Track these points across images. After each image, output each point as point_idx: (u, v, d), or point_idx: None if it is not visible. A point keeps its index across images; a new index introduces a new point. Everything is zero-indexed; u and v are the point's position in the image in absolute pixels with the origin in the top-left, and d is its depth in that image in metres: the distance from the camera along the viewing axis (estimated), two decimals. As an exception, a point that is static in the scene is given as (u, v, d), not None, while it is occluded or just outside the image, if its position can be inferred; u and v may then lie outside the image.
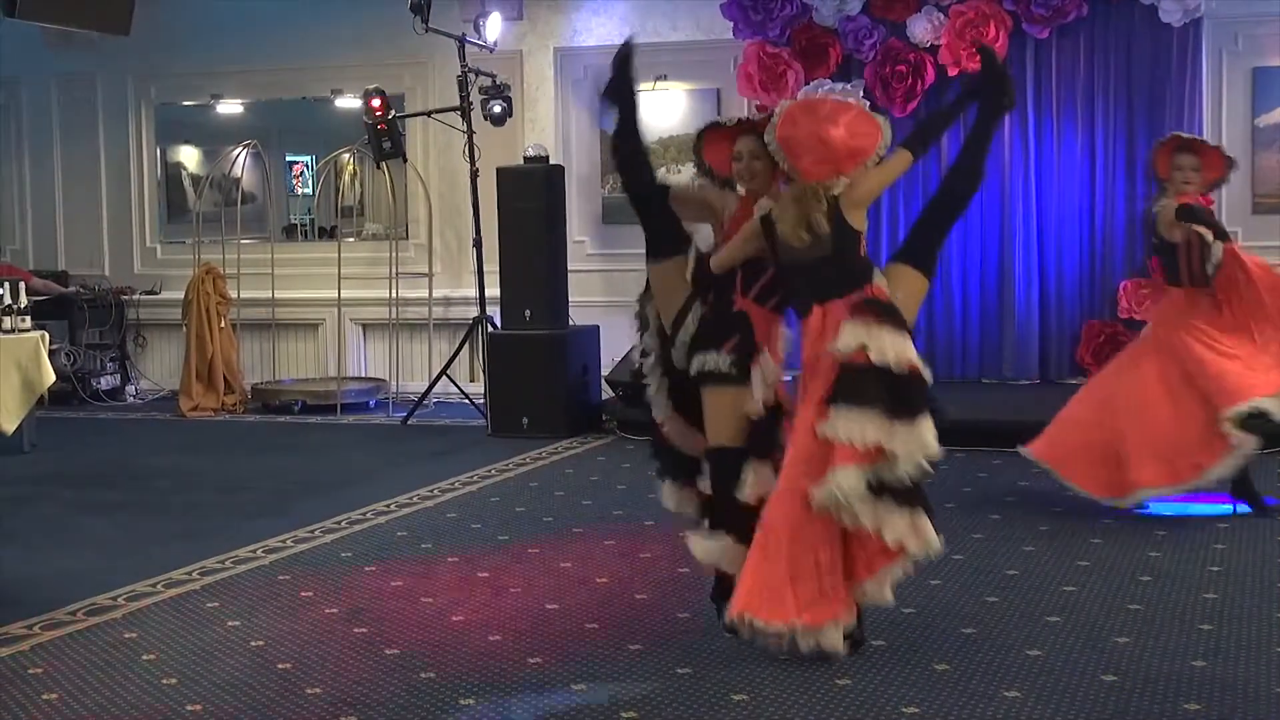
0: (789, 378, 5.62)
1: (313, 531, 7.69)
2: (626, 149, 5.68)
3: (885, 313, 5.19)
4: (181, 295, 12.72)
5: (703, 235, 5.66)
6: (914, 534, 5.13)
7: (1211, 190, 7.98)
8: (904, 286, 5.37)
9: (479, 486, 8.98)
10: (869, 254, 5.46)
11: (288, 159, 14.91)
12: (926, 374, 5.20)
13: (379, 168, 12.50)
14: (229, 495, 8.84)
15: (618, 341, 10.86)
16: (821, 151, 5.24)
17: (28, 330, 10.20)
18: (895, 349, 5.12)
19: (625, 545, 7.16)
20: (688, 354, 5.47)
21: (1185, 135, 7.96)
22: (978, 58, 11.30)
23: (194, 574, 6.80)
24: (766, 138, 5.41)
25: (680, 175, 12.15)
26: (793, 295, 5.45)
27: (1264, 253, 11.15)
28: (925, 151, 5.63)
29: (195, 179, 14.16)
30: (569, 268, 11.46)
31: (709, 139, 5.73)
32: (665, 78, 12.21)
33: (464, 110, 11.48)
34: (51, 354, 10.30)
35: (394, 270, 12.52)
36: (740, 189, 5.62)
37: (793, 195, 5.31)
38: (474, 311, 11.74)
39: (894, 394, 5.10)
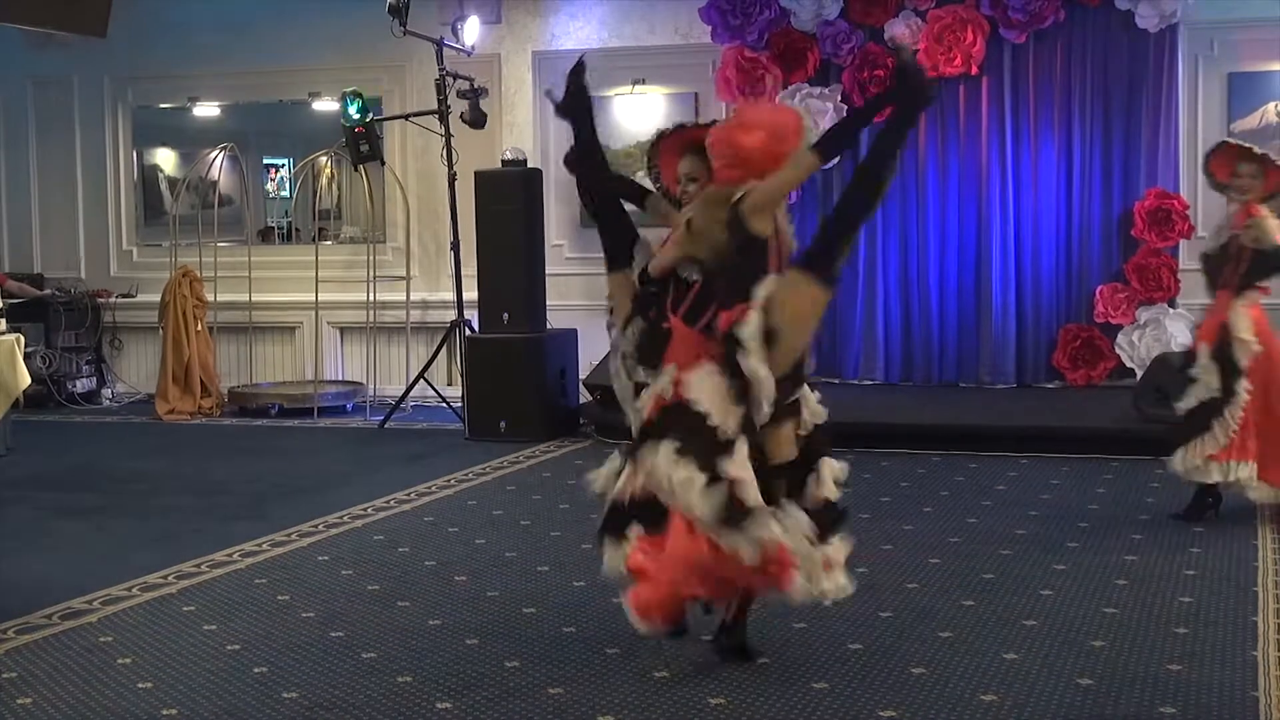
0: None
1: (289, 535, 7.67)
2: (587, 164, 5.72)
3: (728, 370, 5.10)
4: (158, 298, 12.69)
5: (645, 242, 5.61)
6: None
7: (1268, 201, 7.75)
8: (796, 300, 5.05)
9: (456, 490, 8.97)
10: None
11: (265, 162, 14.87)
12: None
13: (357, 171, 12.48)
14: (205, 499, 8.81)
15: (595, 345, 10.83)
16: (730, 156, 5.14)
17: (3, 333, 10.14)
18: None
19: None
20: (633, 365, 5.46)
21: (1247, 146, 7.85)
22: (956, 61, 11.46)
23: (170, 578, 6.78)
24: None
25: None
26: (709, 301, 5.28)
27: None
28: (833, 155, 5.52)
29: (172, 182, 14.12)
30: (547, 271, 11.46)
31: (664, 149, 5.61)
32: (644, 81, 12.25)
33: (442, 113, 11.46)
34: (27, 357, 10.25)
35: (372, 273, 12.51)
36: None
37: (702, 201, 5.23)
38: (452, 315, 11.72)
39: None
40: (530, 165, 11.45)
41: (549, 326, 11.33)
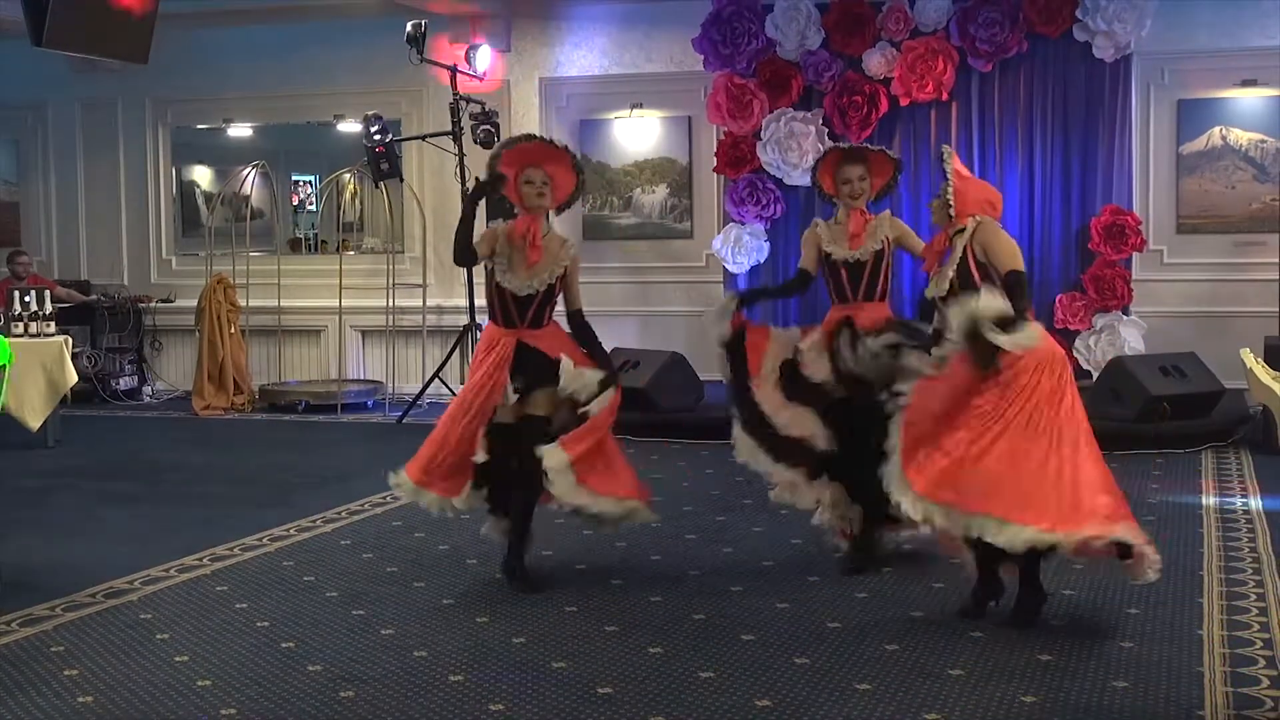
0: None
1: (314, 521, 7.67)
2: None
3: None
4: (195, 303, 12.68)
5: None
6: None
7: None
8: None
9: (468, 480, 8.94)
10: None
11: (293, 178, 14.87)
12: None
13: (378, 187, 12.47)
14: (237, 488, 8.80)
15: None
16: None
17: (52, 335, 10.17)
18: None
19: (602, 536, 7.13)
20: None
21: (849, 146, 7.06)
22: (928, 88, 11.39)
23: (205, 560, 6.78)
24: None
25: (654, 195, 12.27)
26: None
27: (1187, 269, 11.33)
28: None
29: (208, 196, 14.12)
30: (551, 280, 11.43)
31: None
32: (641, 105, 12.27)
33: (456, 134, 11.45)
34: (74, 357, 10.26)
35: (391, 281, 12.50)
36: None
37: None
38: (464, 319, 11.71)
39: None
40: (537, 182, 11.42)
41: (553, 330, 11.31)
